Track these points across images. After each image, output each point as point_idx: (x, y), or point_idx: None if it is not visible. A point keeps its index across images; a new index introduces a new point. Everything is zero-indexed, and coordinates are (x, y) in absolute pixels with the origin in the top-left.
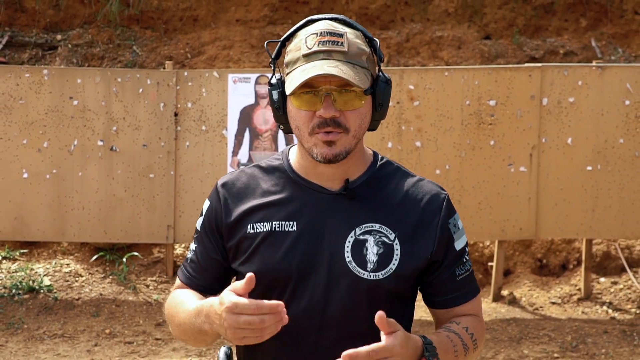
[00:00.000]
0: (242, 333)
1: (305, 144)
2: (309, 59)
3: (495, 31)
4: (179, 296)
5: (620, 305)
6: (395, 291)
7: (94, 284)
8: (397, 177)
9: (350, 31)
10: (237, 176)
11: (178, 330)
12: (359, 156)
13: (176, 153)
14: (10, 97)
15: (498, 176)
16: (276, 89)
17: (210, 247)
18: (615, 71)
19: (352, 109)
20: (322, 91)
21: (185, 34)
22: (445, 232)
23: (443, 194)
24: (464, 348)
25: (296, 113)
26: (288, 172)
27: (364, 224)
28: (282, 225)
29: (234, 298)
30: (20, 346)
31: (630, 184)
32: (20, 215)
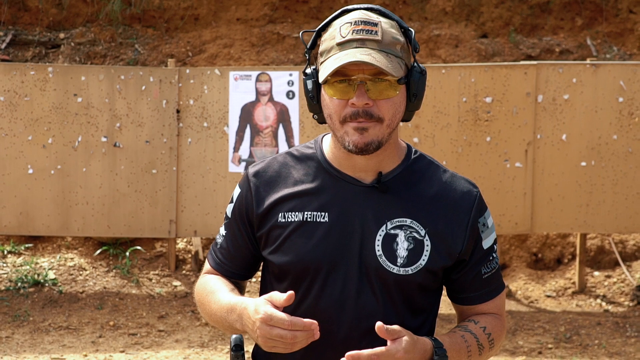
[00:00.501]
0: (273, 343)
1: (337, 133)
2: (343, 47)
3: (492, 30)
4: (210, 284)
5: (613, 298)
6: (424, 285)
7: (97, 278)
8: (430, 172)
9: (385, 20)
10: (268, 164)
11: (210, 319)
12: (392, 148)
13: (178, 149)
14: (15, 94)
15: (494, 172)
16: (310, 78)
17: (239, 235)
18: (608, 69)
19: (386, 98)
20: (355, 80)
21: (187, 32)
22: (474, 231)
23: (475, 191)
24: (478, 348)
25: (329, 102)
26: (321, 162)
27: (396, 218)
28: (314, 215)
29: (270, 310)
30: (26, 338)
31: (623, 180)
32: (25, 210)
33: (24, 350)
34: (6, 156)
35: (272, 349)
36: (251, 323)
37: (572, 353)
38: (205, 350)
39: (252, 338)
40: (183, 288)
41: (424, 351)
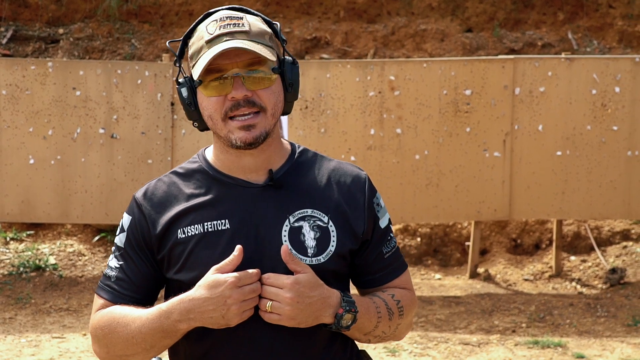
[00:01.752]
0: (246, 305)
1: (221, 132)
2: (212, 43)
3: (476, 24)
4: (116, 311)
5: (588, 281)
6: (337, 271)
7: (96, 263)
8: (317, 163)
9: (249, 15)
10: (155, 186)
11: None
12: (277, 144)
13: (173, 140)
14: (17, 87)
15: (474, 161)
16: (184, 85)
17: (140, 262)
18: (582, 62)
19: (264, 88)
20: (229, 74)
21: (182, 27)
22: (371, 211)
23: (363, 174)
24: (388, 312)
25: (207, 102)
26: (209, 172)
27: (296, 210)
28: (214, 225)
29: (233, 273)
30: (28, 318)
31: (597, 168)
32: (27, 199)
33: (26, 330)
34: (8, 147)
35: (243, 316)
36: (213, 302)
37: (544, 332)
38: None
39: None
40: None
41: (326, 297)
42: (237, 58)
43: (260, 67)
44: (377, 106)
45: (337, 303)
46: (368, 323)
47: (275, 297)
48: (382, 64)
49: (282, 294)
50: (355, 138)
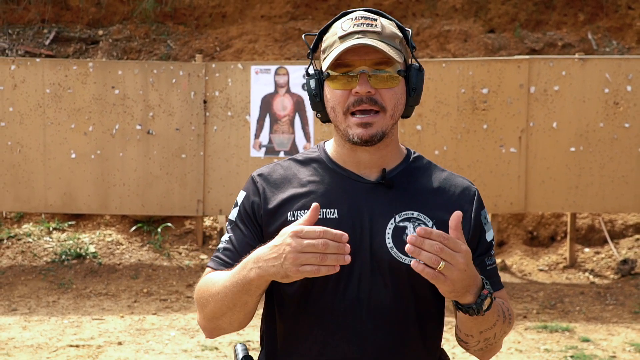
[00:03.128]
0: (303, 258)
1: (341, 126)
2: (345, 39)
3: (498, 25)
4: (215, 274)
5: (600, 272)
6: None
7: (133, 252)
8: (430, 170)
9: (384, 19)
10: (272, 168)
11: (213, 304)
12: (395, 145)
13: (205, 136)
14: (59, 86)
15: (490, 156)
16: (313, 77)
17: (247, 234)
18: (595, 62)
19: (388, 88)
20: (356, 70)
21: (215, 29)
22: (478, 222)
23: (474, 187)
24: (504, 315)
25: (332, 95)
26: (326, 162)
27: (403, 211)
28: (323, 212)
29: (300, 225)
30: (70, 302)
31: (609, 164)
32: (68, 191)
33: (68, 312)
34: (52, 142)
35: (301, 270)
36: (275, 249)
37: (554, 318)
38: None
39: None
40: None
41: (476, 276)
42: (366, 56)
43: (387, 68)
44: None
45: (481, 284)
46: (492, 317)
47: (451, 259)
48: None
49: (457, 258)
50: None
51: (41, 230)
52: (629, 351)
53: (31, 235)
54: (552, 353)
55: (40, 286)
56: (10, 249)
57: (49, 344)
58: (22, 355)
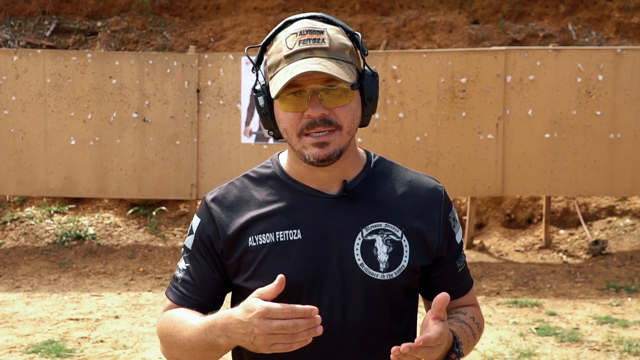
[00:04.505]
0: (274, 339)
1: (296, 147)
2: (291, 59)
3: (482, 17)
4: (176, 315)
5: (573, 252)
6: (408, 287)
7: (130, 233)
8: (393, 174)
9: (330, 27)
10: (226, 189)
11: (180, 351)
12: (353, 156)
13: (198, 123)
14: (60, 76)
15: (469, 142)
16: (261, 94)
17: (206, 266)
18: (568, 53)
19: (342, 106)
20: (307, 91)
21: (209, 20)
22: (447, 226)
23: (440, 188)
24: (473, 337)
25: (283, 116)
26: (283, 179)
27: (370, 223)
28: (285, 234)
29: (265, 303)
30: (70, 280)
31: (582, 149)
32: (68, 176)
33: (69, 289)
34: (52, 129)
35: (271, 348)
36: (243, 326)
37: (525, 294)
38: None
39: (247, 345)
40: None
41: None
42: (316, 75)
43: (339, 83)
44: (381, 93)
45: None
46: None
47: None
48: (385, 55)
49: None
50: None
51: (43, 213)
52: (591, 324)
53: (33, 218)
54: (519, 325)
55: (42, 265)
56: (14, 230)
57: (50, 318)
58: (26, 327)
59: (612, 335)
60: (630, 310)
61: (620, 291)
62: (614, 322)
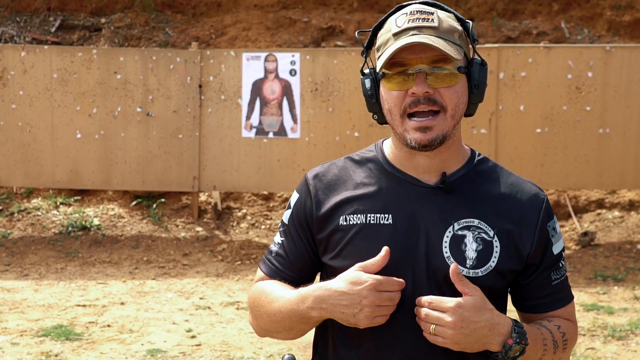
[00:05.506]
0: (380, 311)
1: (398, 130)
2: (399, 36)
3: (477, 14)
4: (268, 287)
5: (564, 243)
6: (493, 288)
7: (134, 224)
8: (495, 174)
9: (441, 11)
10: (327, 168)
11: (269, 321)
12: (456, 147)
13: (200, 118)
14: (66, 72)
15: (463, 137)
16: (368, 77)
17: (299, 241)
18: (559, 50)
19: (447, 87)
20: (413, 69)
21: (211, 17)
22: (543, 234)
23: (542, 195)
24: (553, 344)
25: (388, 96)
26: (382, 164)
27: (463, 219)
28: (377, 217)
29: (375, 275)
30: (77, 269)
31: (572, 144)
32: (74, 168)
33: (75, 277)
34: (59, 123)
35: (374, 321)
36: (349, 298)
37: None
38: (219, 279)
39: (343, 318)
40: (204, 233)
41: (495, 323)
42: (423, 54)
43: (446, 65)
44: None
45: (507, 331)
46: (534, 355)
47: (437, 321)
48: None
49: (444, 318)
50: (359, 116)
51: (49, 204)
52: (578, 310)
53: (40, 209)
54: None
55: (49, 255)
56: (21, 221)
57: (58, 304)
58: (36, 312)
59: (598, 321)
60: (616, 298)
61: (607, 280)
62: (600, 309)
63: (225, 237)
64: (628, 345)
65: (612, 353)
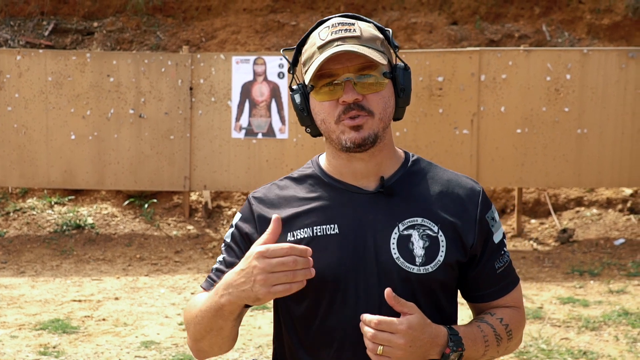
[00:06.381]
0: (274, 279)
1: (333, 135)
2: (324, 48)
3: (461, 18)
4: (198, 296)
5: (543, 240)
6: (446, 282)
7: (126, 223)
8: (431, 172)
9: (361, 22)
10: (269, 189)
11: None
12: (389, 150)
13: (191, 119)
14: (60, 75)
15: (446, 137)
16: (297, 92)
17: (240, 255)
18: (538, 53)
19: (374, 92)
20: (341, 79)
21: (201, 21)
22: (483, 226)
23: (478, 187)
24: (496, 338)
25: (320, 107)
26: (321, 177)
27: (406, 219)
28: (323, 229)
29: (263, 245)
30: (72, 266)
31: (551, 144)
32: (68, 169)
33: (70, 274)
34: (53, 125)
35: (272, 290)
36: (244, 274)
37: None
38: None
39: (248, 297)
40: (195, 231)
41: (434, 336)
42: (349, 62)
43: (372, 72)
44: None
45: (444, 342)
46: (475, 354)
47: (387, 342)
48: None
49: (395, 340)
50: None
51: (44, 204)
52: (554, 303)
53: (35, 209)
54: None
55: (44, 253)
56: (17, 220)
57: (55, 299)
58: (33, 307)
59: (573, 314)
60: (592, 292)
61: (584, 275)
62: (576, 302)
63: (215, 235)
64: (601, 335)
65: (585, 343)
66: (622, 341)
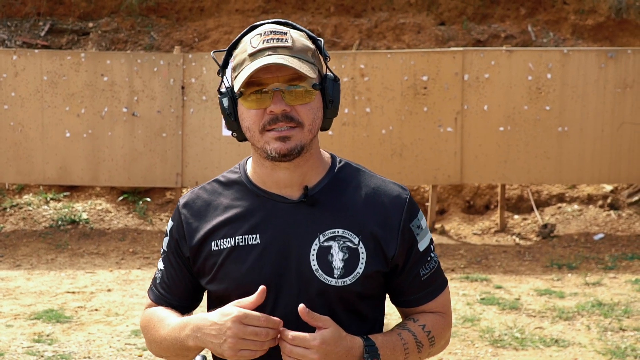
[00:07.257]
0: (243, 344)
1: (258, 144)
2: (255, 57)
3: (448, 18)
4: (157, 313)
5: (526, 235)
6: (365, 293)
7: (120, 218)
8: (357, 179)
9: (294, 31)
10: (197, 194)
11: (158, 347)
12: (315, 160)
13: (183, 117)
14: (55, 74)
15: (430, 135)
16: (226, 96)
17: (178, 268)
18: (520, 53)
19: (303, 104)
20: (270, 88)
21: (194, 21)
22: (406, 235)
23: (405, 195)
24: (417, 345)
25: (247, 114)
26: (246, 184)
27: (328, 230)
28: (245, 239)
29: (243, 309)
30: (66, 260)
31: (533, 142)
32: (64, 166)
33: (65, 267)
34: (49, 123)
35: (238, 354)
36: (216, 329)
37: (477, 270)
38: None
39: (214, 350)
40: None
41: (349, 348)
42: (278, 72)
43: (301, 83)
44: (350, 90)
45: (360, 353)
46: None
47: (302, 358)
48: (354, 55)
49: (309, 355)
50: None
51: (40, 199)
52: (531, 295)
53: (31, 204)
54: (468, 296)
55: (40, 247)
56: (13, 216)
57: (49, 291)
58: (28, 299)
59: (549, 304)
60: (569, 284)
61: (563, 268)
62: (552, 293)
63: None
64: (574, 325)
65: (557, 332)
66: (594, 330)
